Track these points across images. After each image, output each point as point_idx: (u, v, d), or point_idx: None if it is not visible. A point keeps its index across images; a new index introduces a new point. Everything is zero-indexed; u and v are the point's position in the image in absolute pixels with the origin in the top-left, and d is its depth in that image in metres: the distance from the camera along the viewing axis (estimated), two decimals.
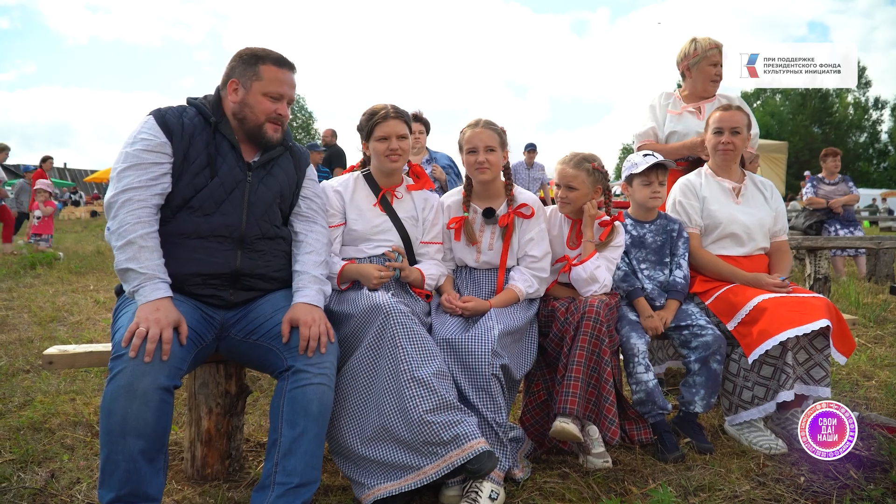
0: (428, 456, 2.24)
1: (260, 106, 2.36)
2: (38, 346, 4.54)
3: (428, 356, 2.35)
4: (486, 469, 2.19)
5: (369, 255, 2.78)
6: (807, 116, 45.62)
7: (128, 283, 2.15)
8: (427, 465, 2.24)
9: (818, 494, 2.45)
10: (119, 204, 2.17)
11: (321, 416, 2.18)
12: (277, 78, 2.38)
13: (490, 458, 2.20)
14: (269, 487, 2.10)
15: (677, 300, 3.09)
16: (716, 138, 3.27)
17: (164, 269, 2.17)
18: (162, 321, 2.03)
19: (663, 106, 3.91)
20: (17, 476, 2.55)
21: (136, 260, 2.12)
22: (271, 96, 2.37)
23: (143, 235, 2.14)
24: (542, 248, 2.92)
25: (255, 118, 2.37)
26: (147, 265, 2.13)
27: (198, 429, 2.59)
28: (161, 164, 2.24)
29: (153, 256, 2.15)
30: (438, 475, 2.23)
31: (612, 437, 2.65)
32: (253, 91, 2.36)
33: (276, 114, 2.38)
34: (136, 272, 2.12)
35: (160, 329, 2.02)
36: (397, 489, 2.26)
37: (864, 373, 4.06)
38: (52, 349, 2.57)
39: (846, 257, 8.78)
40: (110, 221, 2.19)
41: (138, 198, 2.18)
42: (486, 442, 2.25)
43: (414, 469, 2.25)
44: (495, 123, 2.90)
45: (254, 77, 2.36)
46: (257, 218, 2.38)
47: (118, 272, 2.17)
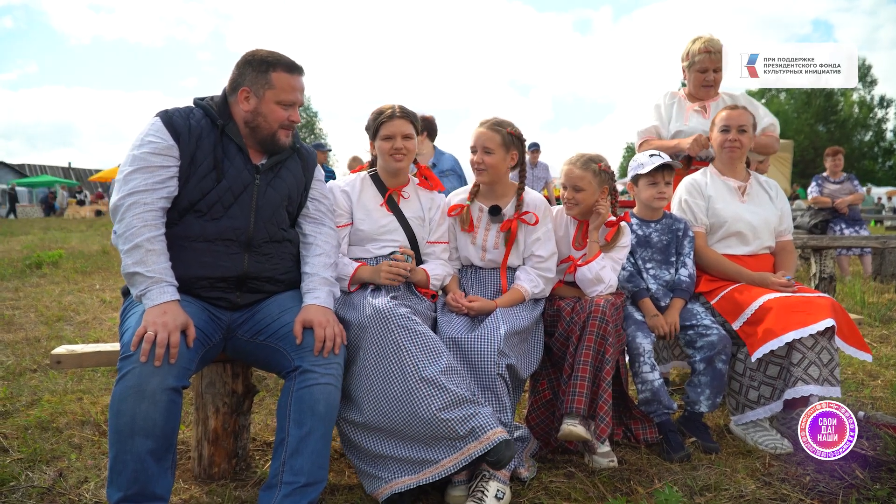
0: (446, 449, 2.25)
1: (273, 115, 2.36)
2: (44, 345, 4.56)
3: (434, 354, 2.35)
4: (505, 459, 2.20)
5: (376, 254, 2.78)
6: (812, 115, 45.45)
7: (135, 286, 2.15)
8: (445, 459, 2.25)
9: (824, 494, 2.45)
10: (125, 207, 2.17)
11: (328, 416, 2.18)
12: (290, 85, 2.37)
13: (508, 446, 2.21)
14: (277, 486, 2.11)
15: (682, 299, 3.09)
16: (723, 136, 3.28)
17: (170, 273, 2.17)
18: (169, 325, 2.04)
19: (668, 105, 3.91)
20: (26, 475, 2.57)
21: (143, 264, 2.12)
22: (284, 104, 2.37)
23: (149, 239, 2.14)
24: (548, 248, 2.92)
25: (269, 126, 2.37)
26: (154, 269, 2.13)
27: (205, 428, 2.60)
28: (168, 168, 2.24)
29: (160, 260, 2.15)
30: (456, 468, 2.25)
31: (601, 435, 2.66)
32: (266, 100, 2.35)
33: (288, 121, 2.39)
34: (143, 276, 2.12)
35: (168, 333, 2.02)
36: (415, 482, 2.27)
37: (869, 372, 4.05)
38: (60, 349, 2.58)
39: (852, 256, 8.77)
40: (117, 225, 2.19)
41: (144, 201, 2.17)
42: (503, 430, 2.26)
43: (432, 462, 2.26)
44: (503, 125, 2.85)
45: (266, 86, 2.34)
46: (265, 221, 2.38)
47: (125, 276, 2.17)
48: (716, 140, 3.33)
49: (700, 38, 3.77)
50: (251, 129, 2.38)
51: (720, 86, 3.83)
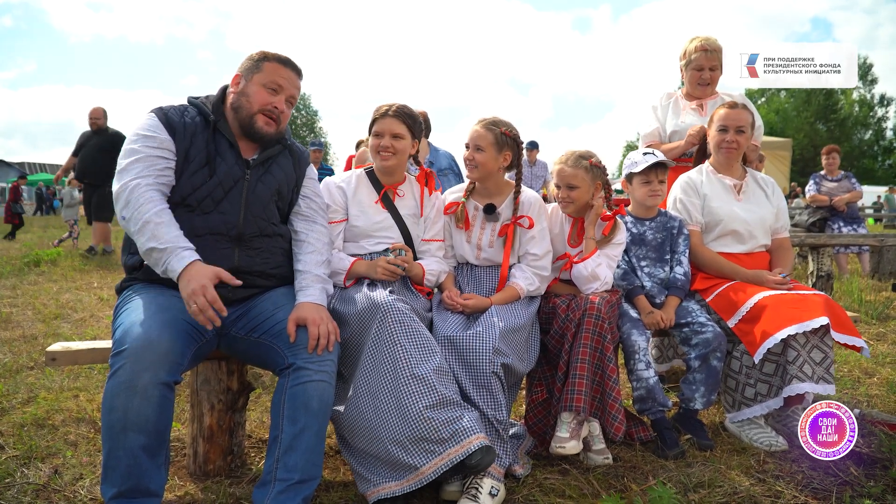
0: (426, 454, 2.22)
1: (256, 95, 2.39)
2: (41, 342, 4.56)
3: (427, 353, 2.35)
4: (483, 464, 2.19)
5: (370, 251, 2.79)
6: (811, 113, 45.51)
7: (155, 265, 2.18)
8: (425, 465, 2.22)
9: (818, 491, 2.45)
10: (129, 191, 2.19)
11: (322, 413, 2.18)
12: (278, 73, 2.42)
13: (489, 452, 2.20)
14: (271, 483, 2.11)
15: (678, 297, 3.10)
16: (720, 136, 3.27)
17: (183, 238, 2.19)
18: (198, 290, 2.07)
19: (665, 106, 3.92)
20: (21, 472, 2.57)
21: (155, 238, 2.14)
22: (269, 87, 2.39)
23: (156, 213, 2.17)
24: (543, 246, 2.92)
25: (249, 107, 2.39)
26: (165, 239, 2.15)
27: (200, 425, 2.60)
28: (165, 159, 2.28)
29: (170, 230, 2.17)
30: (437, 474, 2.22)
31: (616, 434, 2.66)
32: (252, 82, 2.40)
33: (271, 105, 2.40)
34: (158, 250, 2.14)
35: (203, 296, 2.07)
36: (399, 490, 2.25)
37: (865, 370, 4.06)
38: (56, 346, 2.59)
39: (850, 254, 8.78)
40: (122, 210, 2.21)
41: (146, 182, 2.21)
42: (485, 437, 2.25)
43: (413, 469, 2.23)
44: (498, 125, 2.85)
45: (256, 70, 2.41)
46: (255, 216, 2.40)
47: (145, 257, 2.20)
48: (713, 139, 3.33)
49: (697, 37, 3.78)
50: (234, 110, 2.41)
51: (717, 84, 3.83)
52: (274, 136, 2.45)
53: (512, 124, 2.89)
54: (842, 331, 2.75)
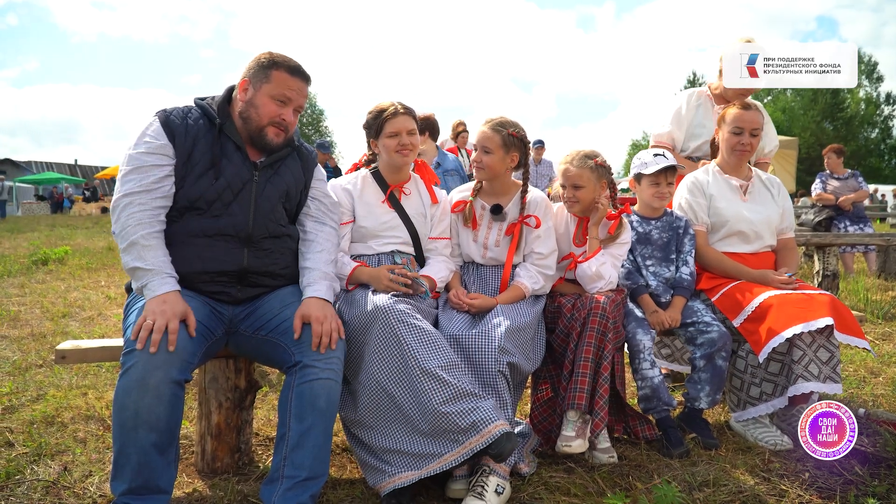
0: (449, 443, 2.27)
1: (265, 108, 2.38)
2: (50, 341, 4.60)
3: (434, 348, 2.37)
4: (507, 452, 2.21)
5: (378, 251, 2.81)
6: (818, 112, 45.29)
7: (137, 280, 2.20)
8: (447, 453, 2.26)
9: (823, 490, 2.46)
10: (121, 207, 2.23)
11: (329, 411, 2.20)
12: (287, 84, 2.39)
13: (509, 439, 2.22)
14: (278, 480, 2.13)
15: (683, 297, 3.10)
16: (736, 138, 3.25)
17: (170, 265, 2.22)
18: (168, 313, 2.08)
19: (693, 107, 3.84)
20: (31, 469, 2.60)
21: (142, 259, 2.18)
22: (277, 99, 2.38)
23: (144, 236, 2.20)
24: (548, 245, 2.93)
25: (259, 119, 2.39)
26: (152, 262, 2.18)
27: (208, 423, 2.62)
28: (162, 167, 2.28)
29: (157, 254, 2.20)
30: (459, 461, 2.26)
31: (595, 429, 2.68)
32: (261, 93, 2.37)
33: (280, 118, 2.39)
34: (142, 269, 2.17)
35: (166, 320, 2.06)
36: (417, 477, 2.28)
37: (871, 369, 4.05)
38: (65, 344, 2.61)
39: (856, 254, 8.75)
40: (114, 224, 2.26)
41: (139, 201, 2.23)
42: (504, 422, 2.26)
43: (435, 456, 2.28)
44: (505, 126, 2.85)
45: (264, 80, 2.37)
46: (264, 217, 2.41)
47: (127, 272, 2.24)
48: (726, 140, 3.30)
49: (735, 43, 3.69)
50: (244, 119, 2.41)
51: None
52: (283, 145, 2.47)
53: (519, 124, 2.90)
54: (846, 331, 2.75)
